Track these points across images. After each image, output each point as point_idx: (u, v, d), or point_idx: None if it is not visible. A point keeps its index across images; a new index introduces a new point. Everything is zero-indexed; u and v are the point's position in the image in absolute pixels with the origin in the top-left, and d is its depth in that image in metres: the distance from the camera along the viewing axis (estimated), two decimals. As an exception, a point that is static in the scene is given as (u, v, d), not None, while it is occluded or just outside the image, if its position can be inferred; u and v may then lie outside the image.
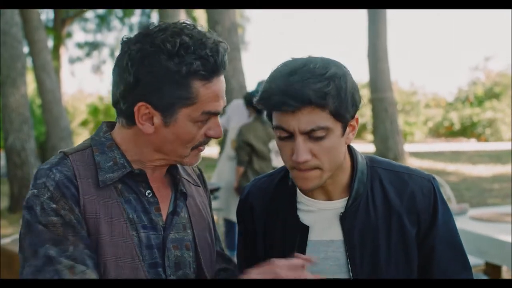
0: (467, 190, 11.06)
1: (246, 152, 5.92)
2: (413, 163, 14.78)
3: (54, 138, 13.37)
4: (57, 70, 20.98)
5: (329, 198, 1.69)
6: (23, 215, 1.48)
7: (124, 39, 1.54)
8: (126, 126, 1.56)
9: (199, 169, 1.86)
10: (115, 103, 1.55)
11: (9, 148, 10.86)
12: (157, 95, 1.47)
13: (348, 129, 1.60)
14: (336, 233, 1.67)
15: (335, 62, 1.58)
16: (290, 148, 1.56)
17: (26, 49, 15.03)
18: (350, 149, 1.71)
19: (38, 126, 18.28)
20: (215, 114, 1.55)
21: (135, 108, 1.49)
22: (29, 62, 15.47)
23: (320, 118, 1.52)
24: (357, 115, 1.61)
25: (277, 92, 1.51)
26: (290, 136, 1.55)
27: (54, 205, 1.45)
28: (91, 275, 1.43)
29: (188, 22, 1.51)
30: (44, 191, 1.46)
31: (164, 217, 1.61)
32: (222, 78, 1.53)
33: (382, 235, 1.64)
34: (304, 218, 1.69)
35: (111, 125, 1.65)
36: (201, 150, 1.61)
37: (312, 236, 1.69)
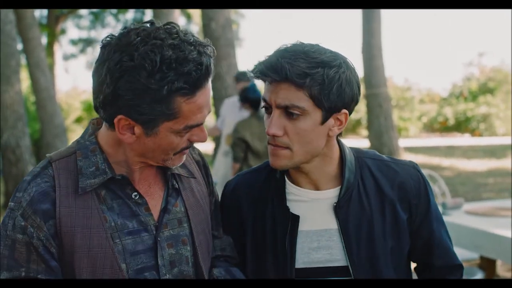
0: (461, 184, 11.09)
1: (242, 148, 5.90)
2: (408, 158, 14.74)
3: (48, 135, 13.32)
4: (51, 67, 20.89)
5: (316, 187, 1.71)
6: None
7: (104, 42, 1.46)
8: (110, 129, 1.53)
9: (201, 157, 1.82)
10: (96, 108, 1.51)
11: (4, 145, 10.82)
12: (136, 111, 1.42)
13: (331, 121, 1.61)
14: (330, 223, 1.69)
15: (338, 55, 1.60)
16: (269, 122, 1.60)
17: (20, 47, 14.98)
18: (338, 141, 1.73)
19: (32, 123, 18.21)
20: (198, 126, 1.50)
21: (115, 120, 1.45)
22: (23, 59, 15.41)
23: (296, 97, 1.54)
24: (345, 111, 1.61)
25: (265, 63, 1.56)
26: (270, 108, 1.60)
27: (23, 223, 1.46)
28: None
29: (171, 26, 1.45)
30: (19, 206, 1.48)
31: (156, 216, 1.60)
32: (207, 87, 1.47)
33: (377, 223, 1.68)
34: (294, 208, 1.71)
35: (98, 123, 1.62)
36: (185, 153, 1.58)
37: (304, 226, 1.70)
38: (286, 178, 1.75)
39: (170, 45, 1.39)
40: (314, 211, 1.71)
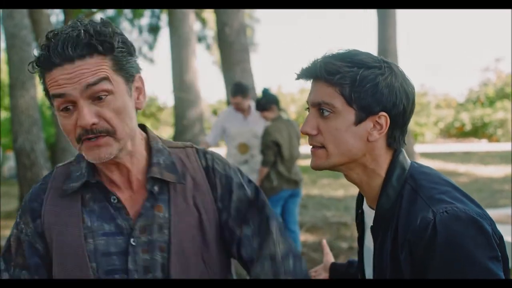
0: (478, 191, 10.97)
1: (274, 152, 5.76)
2: (424, 163, 14.66)
3: (63, 139, 13.37)
4: (67, 72, 21.00)
5: (372, 205, 1.64)
6: None
7: None
8: None
9: (212, 161, 1.74)
10: None
11: (19, 149, 10.89)
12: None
13: (369, 123, 1.52)
14: (372, 244, 1.64)
15: (385, 61, 1.54)
16: None
17: (36, 52, 15.09)
18: (394, 158, 1.59)
19: (48, 128, 18.35)
20: (58, 96, 1.45)
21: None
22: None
23: (327, 94, 1.51)
24: (385, 115, 1.51)
25: (306, 64, 1.57)
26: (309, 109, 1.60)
27: (18, 219, 1.66)
28: None
29: (81, 19, 1.52)
30: (21, 206, 1.69)
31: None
32: (68, 66, 1.44)
33: (389, 263, 1.54)
34: (366, 220, 1.72)
35: None
36: (92, 145, 1.49)
37: (366, 241, 1.70)
38: None
39: (61, 30, 1.47)
40: (368, 227, 1.66)
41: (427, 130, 24.87)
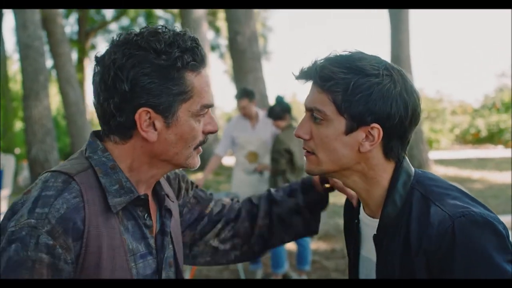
0: (493, 197, 10.84)
1: (286, 160, 5.70)
2: (438, 170, 14.57)
3: (78, 149, 13.47)
4: (81, 82, 21.23)
5: (371, 213, 1.60)
6: (6, 236, 1.33)
7: (98, 55, 1.49)
8: (120, 142, 1.49)
9: (180, 174, 1.86)
10: (108, 119, 1.46)
11: (33, 159, 10.99)
12: (155, 96, 1.42)
13: (360, 134, 1.48)
14: (373, 254, 1.59)
15: (388, 68, 1.49)
16: None
17: (50, 62, 15.24)
18: (397, 166, 1.56)
19: (63, 137, 18.48)
20: (210, 106, 1.53)
21: (136, 116, 1.43)
22: (54, 74, 15.65)
23: (320, 101, 1.49)
24: (377, 126, 1.46)
25: (306, 65, 1.54)
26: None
27: (51, 242, 1.31)
28: None
29: (156, 25, 1.50)
30: (44, 223, 1.31)
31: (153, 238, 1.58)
32: (208, 71, 1.54)
33: (399, 271, 1.49)
34: (362, 228, 1.67)
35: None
36: (200, 152, 1.57)
37: (362, 251, 1.66)
38: None
39: (165, 32, 1.46)
40: (367, 237, 1.62)
41: (443, 136, 24.67)
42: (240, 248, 1.90)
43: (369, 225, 1.61)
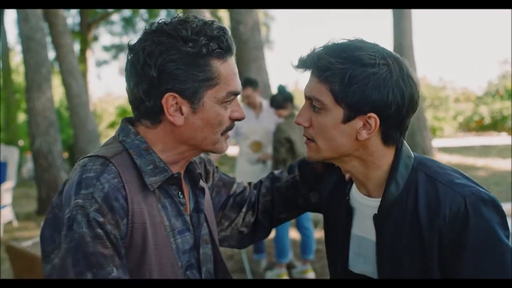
0: (496, 184, 10.85)
1: (286, 149, 5.70)
2: (442, 158, 14.58)
3: (81, 140, 13.49)
4: (84, 74, 21.21)
5: (368, 193, 1.65)
6: (65, 224, 1.41)
7: (131, 43, 1.56)
8: (151, 127, 1.57)
9: (205, 159, 1.92)
10: (138, 104, 1.55)
11: (36, 151, 10.99)
12: (182, 82, 1.49)
13: (358, 122, 1.51)
14: (369, 233, 1.63)
15: (385, 57, 1.51)
16: None
17: (53, 54, 15.22)
18: (397, 150, 1.60)
19: (67, 129, 18.50)
20: (237, 94, 1.59)
21: (163, 101, 1.50)
22: (56, 66, 15.63)
23: (318, 90, 1.53)
24: (374, 116, 1.50)
25: (305, 54, 1.57)
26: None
27: (101, 219, 1.39)
28: None
29: (187, 15, 1.55)
30: (91, 202, 1.39)
31: (188, 215, 1.65)
32: (234, 59, 1.59)
33: (406, 251, 1.54)
34: (353, 211, 1.71)
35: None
36: (228, 137, 1.64)
37: (354, 230, 1.69)
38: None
39: (193, 21, 1.51)
40: (361, 216, 1.67)
41: (446, 124, 24.64)
42: (260, 229, 2.00)
43: (364, 204, 1.66)
